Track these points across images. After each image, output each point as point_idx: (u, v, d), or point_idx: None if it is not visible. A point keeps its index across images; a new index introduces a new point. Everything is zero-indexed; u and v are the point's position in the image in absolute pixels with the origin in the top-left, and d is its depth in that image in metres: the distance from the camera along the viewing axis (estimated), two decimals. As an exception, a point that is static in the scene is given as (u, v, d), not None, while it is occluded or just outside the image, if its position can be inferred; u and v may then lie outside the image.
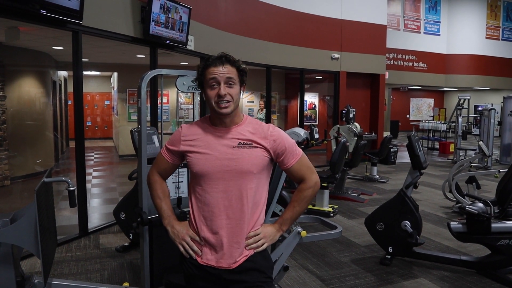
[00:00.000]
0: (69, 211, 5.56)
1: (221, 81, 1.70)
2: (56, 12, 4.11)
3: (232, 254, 1.75)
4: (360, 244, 4.63)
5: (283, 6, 9.03)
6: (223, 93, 1.69)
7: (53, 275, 3.68)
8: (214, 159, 1.74)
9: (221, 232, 1.75)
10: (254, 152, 1.74)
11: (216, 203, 1.75)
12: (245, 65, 1.78)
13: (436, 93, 23.71)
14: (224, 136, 1.76)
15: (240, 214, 1.75)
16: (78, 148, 4.74)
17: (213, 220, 1.75)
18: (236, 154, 1.73)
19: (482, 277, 3.75)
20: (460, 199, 5.68)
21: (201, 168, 1.75)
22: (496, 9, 17.57)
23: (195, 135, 1.81)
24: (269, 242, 1.82)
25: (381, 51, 10.90)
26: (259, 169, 1.76)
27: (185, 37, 6.08)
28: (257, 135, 1.77)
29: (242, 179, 1.74)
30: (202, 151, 1.76)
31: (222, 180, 1.74)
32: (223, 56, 1.73)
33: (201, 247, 1.79)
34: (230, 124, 1.77)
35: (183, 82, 2.76)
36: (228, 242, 1.75)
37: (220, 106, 1.70)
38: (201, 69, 1.75)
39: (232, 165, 1.73)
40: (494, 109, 10.49)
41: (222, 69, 1.71)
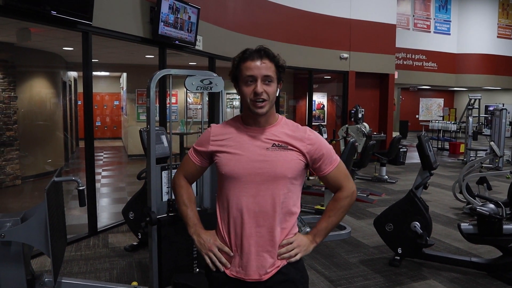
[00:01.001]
0: (79, 210, 5.61)
1: (259, 77, 1.57)
2: (67, 13, 4.14)
3: (262, 265, 1.62)
4: (368, 245, 4.61)
5: (291, 5, 9.02)
6: (260, 91, 1.56)
7: (63, 274, 3.71)
8: (245, 160, 1.60)
9: (250, 240, 1.61)
10: (289, 155, 1.61)
11: (246, 208, 1.60)
12: (283, 61, 1.64)
13: (446, 93, 23.51)
14: (257, 136, 1.63)
15: (271, 222, 1.61)
16: (87, 148, 4.77)
17: (242, 228, 1.61)
18: (270, 156, 1.60)
19: (493, 279, 3.70)
20: (471, 200, 5.62)
21: (231, 170, 1.61)
22: (508, 7, 17.37)
23: (226, 134, 1.67)
24: (303, 252, 1.67)
25: (391, 50, 10.83)
26: (294, 173, 1.62)
27: (194, 37, 6.09)
28: (293, 138, 1.63)
29: (275, 183, 1.60)
30: (232, 151, 1.63)
31: (253, 184, 1.60)
32: (262, 50, 1.59)
33: (230, 259, 1.65)
34: (264, 124, 1.64)
35: (192, 82, 2.76)
36: (257, 252, 1.61)
37: (256, 105, 1.57)
38: (237, 62, 1.62)
39: (265, 168, 1.59)
40: (505, 109, 10.37)
41: (260, 64, 1.57)
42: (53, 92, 8.47)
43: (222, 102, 3.02)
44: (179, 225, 2.90)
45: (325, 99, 11.94)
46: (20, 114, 7.14)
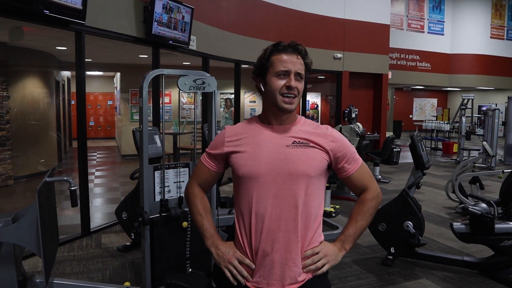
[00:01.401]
0: (72, 210, 5.58)
1: (292, 72, 1.49)
2: (59, 12, 4.12)
3: (286, 275, 1.50)
4: (362, 244, 4.62)
5: (285, 5, 9.02)
6: (294, 85, 1.49)
7: (55, 275, 3.69)
8: (264, 158, 1.50)
9: (273, 247, 1.49)
10: (311, 153, 1.52)
11: (266, 211, 1.49)
12: (310, 60, 1.58)
13: (440, 93, 23.64)
14: (277, 134, 1.54)
15: (294, 226, 1.49)
16: (80, 148, 4.75)
17: (263, 233, 1.50)
18: (291, 153, 1.50)
19: (485, 278, 3.73)
20: (463, 199, 5.65)
21: (249, 170, 1.51)
22: (501, 8, 17.49)
23: (242, 134, 1.58)
24: (332, 263, 1.53)
25: (384, 50, 10.87)
26: (317, 172, 1.52)
27: (188, 37, 6.08)
28: (314, 134, 1.55)
29: (297, 183, 1.49)
30: (250, 150, 1.53)
31: (273, 184, 1.49)
32: (297, 45, 1.53)
33: (251, 271, 1.53)
34: (286, 122, 1.56)
35: (185, 82, 2.76)
36: (281, 260, 1.49)
37: (286, 100, 1.49)
38: (268, 53, 1.53)
39: (286, 167, 1.49)
40: (498, 109, 10.45)
41: (295, 59, 1.50)
42: (46, 92, 8.42)
43: (215, 102, 3.02)
44: (172, 225, 2.90)
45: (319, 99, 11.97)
46: (12, 113, 7.09)
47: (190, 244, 2.96)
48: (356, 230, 1.60)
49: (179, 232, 2.94)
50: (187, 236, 2.95)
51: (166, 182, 2.99)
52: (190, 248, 2.96)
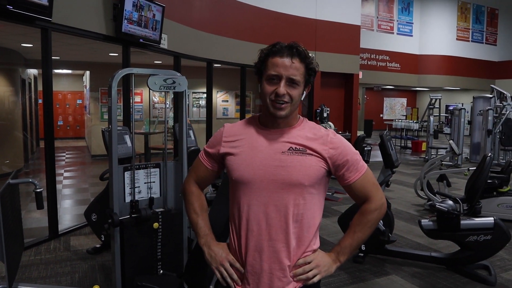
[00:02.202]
0: (39, 213, 5.41)
1: (283, 77, 1.41)
2: (24, 8, 3.99)
3: (274, 285, 1.46)
4: (334, 242, 4.68)
5: (257, 5, 9.03)
6: (282, 93, 1.41)
7: (21, 279, 3.58)
8: (258, 164, 1.45)
9: (262, 256, 1.46)
10: (308, 161, 1.44)
11: (257, 219, 1.46)
12: (316, 63, 1.50)
13: (409, 92, 24.20)
14: (274, 139, 1.48)
15: (284, 236, 1.45)
16: (47, 148, 4.61)
17: (253, 241, 1.47)
18: (286, 161, 1.43)
19: (451, 273, 3.84)
20: (431, 197, 5.80)
21: (241, 175, 1.47)
22: (466, 11, 18.05)
23: (239, 135, 1.53)
24: (323, 273, 1.48)
25: (355, 51, 11.04)
26: (312, 181, 1.45)
27: (159, 36, 6.00)
28: (313, 140, 1.47)
29: (290, 192, 1.44)
30: (245, 154, 1.48)
31: (266, 191, 1.44)
32: (295, 47, 1.43)
33: (241, 276, 1.51)
34: (283, 125, 1.49)
35: (155, 81, 2.72)
36: (269, 269, 1.46)
37: (275, 106, 1.42)
38: (264, 55, 1.46)
39: (279, 174, 1.43)
40: (464, 109, 10.79)
41: (289, 63, 1.41)
42: (11, 90, 8.15)
43: (186, 101, 2.99)
44: (143, 227, 2.86)
45: (292, 98, 12.04)
46: (-25, 113, 6.84)
47: (161, 245, 2.92)
48: (352, 242, 1.53)
49: (150, 233, 2.90)
50: (158, 237, 2.91)
51: (136, 182, 2.95)
52: (161, 249, 2.92)
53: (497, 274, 3.79)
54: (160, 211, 2.94)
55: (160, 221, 2.90)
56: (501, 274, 3.85)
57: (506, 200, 5.40)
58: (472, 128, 11.66)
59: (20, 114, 8.63)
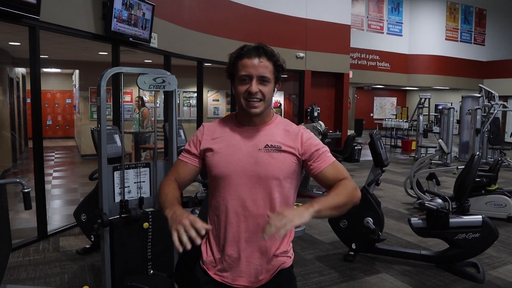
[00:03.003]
0: (27, 213, 5.34)
1: (254, 77, 1.50)
2: (11, 6, 3.94)
3: (251, 272, 1.56)
4: (324, 241, 4.69)
5: (248, 4, 9.03)
6: (255, 91, 1.50)
7: (9, 281, 3.54)
8: (236, 161, 1.54)
9: (240, 245, 1.55)
10: (282, 157, 1.54)
11: (234, 211, 1.55)
12: (283, 60, 1.59)
13: (399, 92, 24.35)
14: (250, 136, 1.57)
15: (262, 226, 1.43)
16: (36, 147, 4.57)
17: (232, 231, 1.55)
18: (263, 157, 1.53)
19: (441, 271, 3.87)
20: (421, 195, 5.85)
21: (221, 171, 1.55)
22: (454, 11, 18.20)
23: (218, 133, 1.62)
24: (296, 221, 1.32)
25: (345, 50, 11.08)
26: (286, 175, 1.55)
27: (149, 35, 5.97)
28: (287, 137, 1.57)
29: (266, 186, 1.53)
30: (223, 152, 1.57)
31: (243, 186, 1.54)
32: (261, 47, 1.53)
33: (220, 264, 1.58)
34: (259, 123, 1.59)
35: (144, 80, 2.70)
36: (246, 258, 1.55)
37: (250, 104, 1.52)
38: (234, 58, 1.55)
39: (256, 170, 1.53)
40: (453, 108, 10.89)
41: (257, 63, 1.50)
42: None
43: (176, 100, 2.97)
44: (133, 227, 2.84)
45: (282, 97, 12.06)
46: (-38, 112, 6.74)
47: (152, 245, 2.91)
48: (328, 199, 1.44)
49: (140, 233, 2.88)
50: (148, 237, 2.89)
51: (126, 182, 2.92)
52: (151, 249, 2.91)
53: (486, 272, 3.83)
54: (150, 211, 2.93)
55: (150, 221, 2.88)
56: (489, 271, 3.90)
57: (494, 198, 5.46)
58: (461, 127, 11.77)
59: (8, 113, 8.53)
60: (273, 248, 1.58)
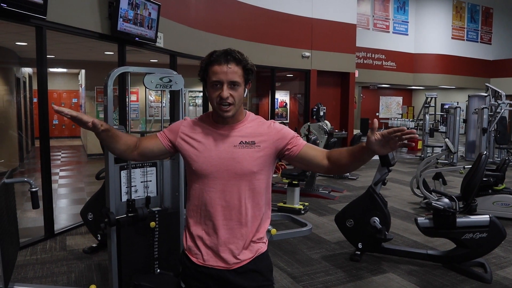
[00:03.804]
0: (35, 212, 5.38)
1: (225, 82, 1.60)
2: (18, 6, 3.96)
3: (232, 254, 1.69)
4: (330, 240, 4.68)
5: (254, 4, 9.02)
6: (226, 96, 1.59)
7: (17, 279, 3.56)
8: (214, 157, 1.66)
9: (218, 233, 1.68)
10: (256, 153, 1.66)
11: (214, 203, 1.68)
12: (251, 63, 1.67)
13: (405, 91, 24.23)
14: (225, 134, 1.68)
15: (238, 215, 1.68)
16: (43, 147, 4.59)
17: (211, 220, 1.69)
18: (238, 153, 1.65)
19: (448, 271, 3.85)
20: (427, 195, 5.82)
21: (200, 167, 1.67)
22: (461, 10, 18.10)
23: (197, 130, 1.72)
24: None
25: (351, 49, 11.05)
26: (261, 167, 1.68)
27: (155, 34, 5.98)
28: (259, 132, 1.69)
29: (242, 179, 1.66)
30: (202, 148, 1.68)
31: (221, 180, 1.66)
32: (228, 54, 1.61)
33: (199, 252, 1.71)
34: (232, 122, 1.69)
35: (151, 80, 2.71)
36: (225, 243, 1.68)
37: (222, 108, 1.62)
38: (204, 65, 1.65)
39: (232, 165, 1.65)
40: (459, 107, 10.83)
41: (226, 69, 1.59)
42: (5, 89, 8.10)
43: (182, 100, 2.98)
44: (139, 226, 2.85)
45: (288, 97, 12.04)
46: (-31, 112, 6.79)
47: (158, 245, 2.92)
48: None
49: (147, 233, 2.89)
50: (155, 236, 2.90)
51: (132, 181, 2.93)
52: (158, 248, 2.91)
53: (493, 272, 3.81)
54: (157, 210, 2.94)
55: (157, 220, 2.89)
56: (497, 271, 3.87)
57: (502, 198, 5.42)
58: (467, 127, 11.70)
59: (15, 113, 8.58)
60: (250, 235, 1.70)
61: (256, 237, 1.73)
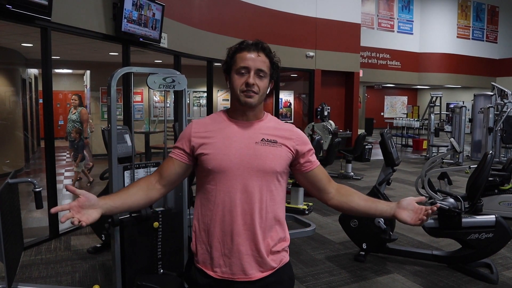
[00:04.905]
0: (40, 212, 5.41)
1: (252, 69, 1.53)
2: (23, 7, 3.98)
3: (252, 265, 1.54)
4: (334, 241, 4.67)
5: (257, 4, 9.02)
6: (252, 82, 1.51)
7: (21, 279, 3.58)
8: (234, 153, 1.53)
9: (237, 239, 1.52)
10: (278, 152, 1.56)
11: (233, 205, 1.52)
12: (278, 59, 1.62)
13: (410, 91, 24.15)
14: (245, 129, 1.57)
15: (260, 220, 1.53)
16: (47, 147, 4.61)
17: (229, 225, 1.52)
18: (260, 150, 1.53)
19: (453, 271, 3.82)
20: (433, 195, 5.77)
21: (219, 164, 1.52)
22: (466, 9, 18.00)
23: (210, 127, 1.59)
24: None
25: (356, 49, 11.01)
26: (282, 168, 1.57)
27: (159, 35, 5.99)
28: (280, 133, 1.59)
29: (264, 179, 1.53)
30: (219, 144, 1.54)
31: (241, 179, 1.52)
32: (260, 43, 1.57)
33: (212, 260, 1.56)
34: (253, 118, 1.59)
35: (154, 80, 2.70)
36: (245, 253, 1.52)
37: (246, 94, 1.52)
38: (232, 52, 1.57)
39: (255, 162, 1.52)
40: (465, 107, 10.76)
41: (255, 56, 1.53)
42: (12, 90, 8.14)
43: (185, 100, 2.98)
44: (143, 226, 2.85)
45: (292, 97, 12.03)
46: (-25, 113, 6.83)
47: (162, 245, 2.91)
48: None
49: (150, 233, 2.88)
50: (158, 236, 2.90)
51: (136, 182, 2.93)
52: (161, 248, 2.91)
53: (499, 272, 3.78)
54: (160, 210, 2.93)
55: (160, 220, 2.89)
56: (503, 272, 3.84)
57: (508, 198, 5.38)
58: (473, 126, 11.62)
59: (20, 114, 8.63)
60: (273, 243, 1.57)
61: (280, 246, 1.59)
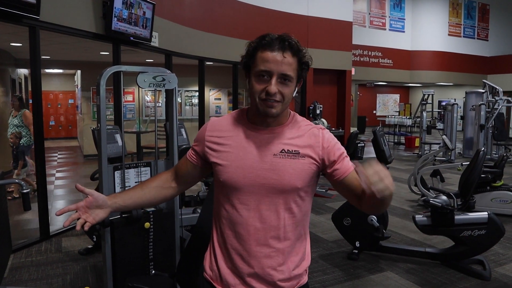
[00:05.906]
0: (30, 214, 5.35)
1: (275, 74, 1.29)
2: (11, 6, 3.92)
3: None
4: (327, 239, 4.66)
5: (249, 2, 8.98)
6: (274, 91, 1.28)
7: (10, 282, 3.52)
8: (248, 167, 1.35)
9: (251, 261, 1.37)
10: (300, 164, 1.35)
11: (244, 223, 1.37)
12: (309, 56, 1.38)
13: (402, 88, 24.25)
14: (264, 139, 1.37)
15: (274, 240, 1.37)
16: (38, 148, 4.55)
17: (242, 245, 1.38)
18: (278, 164, 1.34)
19: (446, 268, 3.83)
20: (425, 192, 5.80)
21: (231, 177, 1.36)
22: (457, 7, 18.10)
23: (226, 131, 1.41)
24: (392, 187, 1.20)
25: (348, 47, 11.03)
26: (305, 183, 1.37)
27: (149, 34, 5.94)
28: (305, 139, 1.38)
29: (282, 196, 1.35)
30: (233, 155, 1.37)
31: (255, 195, 1.35)
32: (286, 40, 1.32)
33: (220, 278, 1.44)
34: (274, 124, 1.38)
35: (144, 79, 2.67)
36: (259, 274, 1.38)
37: (266, 104, 1.30)
38: (252, 48, 1.34)
39: (271, 178, 1.34)
40: (456, 104, 10.82)
41: (281, 58, 1.29)
42: (1, 90, 8.05)
43: (176, 99, 2.94)
44: (134, 227, 2.81)
45: (285, 95, 12.03)
46: (-36, 114, 6.73)
47: (153, 245, 2.88)
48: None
49: (141, 233, 2.85)
50: (149, 237, 2.87)
51: (126, 182, 2.90)
52: (153, 249, 2.88)
53: (492, 269, 3.79)
54: (151, 210, 2.90)
55: (152, 221, 2.86)
56: (496, 268, 3.86)
57: (500, 194, 5.41)
58: (464, 123, 11.70)
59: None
60: (291, 266, 1.41)
61: (301, 268, 1.44)
